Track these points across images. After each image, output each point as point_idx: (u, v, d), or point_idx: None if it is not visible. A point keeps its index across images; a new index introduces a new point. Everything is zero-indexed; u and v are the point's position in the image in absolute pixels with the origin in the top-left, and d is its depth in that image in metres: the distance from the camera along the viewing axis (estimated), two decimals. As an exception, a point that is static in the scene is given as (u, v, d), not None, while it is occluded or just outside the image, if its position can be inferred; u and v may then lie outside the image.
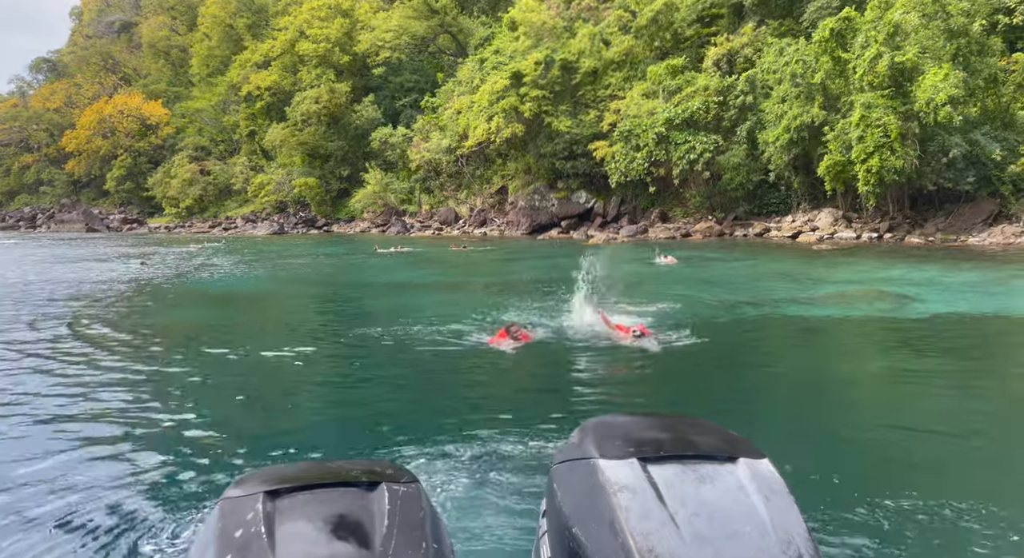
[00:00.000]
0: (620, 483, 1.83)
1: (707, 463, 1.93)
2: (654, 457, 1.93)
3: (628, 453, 1.94)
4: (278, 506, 1.86)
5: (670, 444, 2.02)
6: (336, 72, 55.42)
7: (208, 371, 8.16)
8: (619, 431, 2.11)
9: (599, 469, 1.89)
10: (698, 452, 1.98)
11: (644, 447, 1.98)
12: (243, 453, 5.27)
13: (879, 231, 27.29)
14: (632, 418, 2.38)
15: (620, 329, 8.82)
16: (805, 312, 12.04)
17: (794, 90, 28.16)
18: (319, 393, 7.36)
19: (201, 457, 5.18)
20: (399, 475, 2.07)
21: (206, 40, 70.81)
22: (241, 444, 5.48)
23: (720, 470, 1.91)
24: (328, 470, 2.15)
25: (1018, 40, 26.30)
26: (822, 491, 4.36)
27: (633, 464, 1.89)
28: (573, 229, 39.00)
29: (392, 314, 12.94)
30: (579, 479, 1.93)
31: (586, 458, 1.97)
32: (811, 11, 32.28)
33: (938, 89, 22.66)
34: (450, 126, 45.51)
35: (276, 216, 57.80)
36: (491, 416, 5.92)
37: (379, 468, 2.13)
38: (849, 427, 5.87)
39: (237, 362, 8.61)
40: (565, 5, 44.28)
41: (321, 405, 6.83)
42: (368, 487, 1.97)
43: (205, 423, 6.06)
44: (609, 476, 1.85)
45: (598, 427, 2.16)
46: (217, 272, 22.47)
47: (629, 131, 34.33)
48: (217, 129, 68.84)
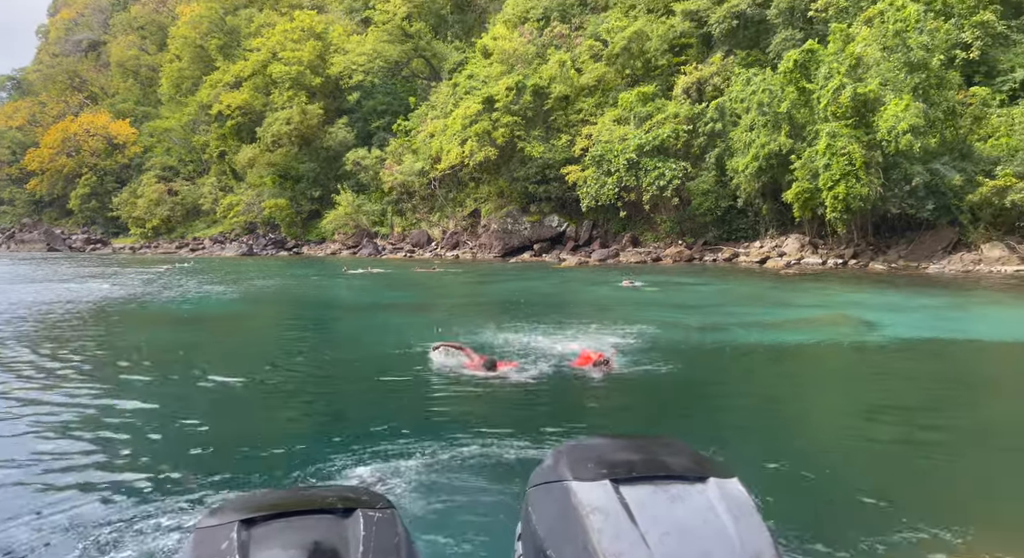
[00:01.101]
0: (593, 504, 1.84)
1: (678, 483, 1.95)
2: (626, 478, 1.95)
3: (601, 475, 1.95)
4: (253, 534, 1.85)
5: (642, 465, 2.04)
6: (308, 94, 55.29)
7: (176, 396, 7.91)
8: (592, 453, 2.12)
9: (572, 491, 1.91)
10: (669, 472, 2.00)
11: (616, 469, 1.99)
12: (216, 481, 5.13)
13: (844, 257, 27.82)
14: (605, 440, 2.42)
15: (586, 358, 8.72)
16: (772, 337, 12.14)
17: (761, 119, 28.78)
18: (291, 418, 7.16)
19: (173, 486, 5.03)
20: (374, 501, 2.06)
21: (176, 60, 70.20)
22: (213, 471, 5.34)
23: (691, 490, 1.93)
24: (303, 497, 2.15)
25: (975, 74, 27.26)
26: (789, 510, 4.37)
27: (606, 486, 1.91)
28: (545, 252, 39.12)
29: (362, 336, 12.76)
30: (553, 501, 1.94)
31: (560, 481, 1.98)
32: (776, 43, 33.16)
33: (900, 119, 23.34)
34: (423, 149, 45.59)
35: (245, 237, 57.06)
36: (465, 441, 5.87)
37: (354, 494, 2.12)
38: (814, 448, 5.87)
39: (206, 386, 8.36)
40: (537, 32, 44.91)
41: (293, 430, 6.64)
42: (343, 513, 1.96)
43: (175, 451, 5.89)
44: (582, 498, 1.87)
45: (572, 450, 2.17)
46: (185, 293, 22.00)
47: (601, 156, 34.72)
48: (186, 149, 68.02)
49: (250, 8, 69.15)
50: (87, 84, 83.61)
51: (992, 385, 8.86)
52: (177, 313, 17.07)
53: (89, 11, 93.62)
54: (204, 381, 8.63)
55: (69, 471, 5.42)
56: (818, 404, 8.03)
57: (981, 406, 7.68)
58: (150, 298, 20.14)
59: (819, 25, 31.69)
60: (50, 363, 9.82)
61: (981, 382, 9.05)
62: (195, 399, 7.86)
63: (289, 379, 8.96)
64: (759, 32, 35.42)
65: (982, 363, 10.27)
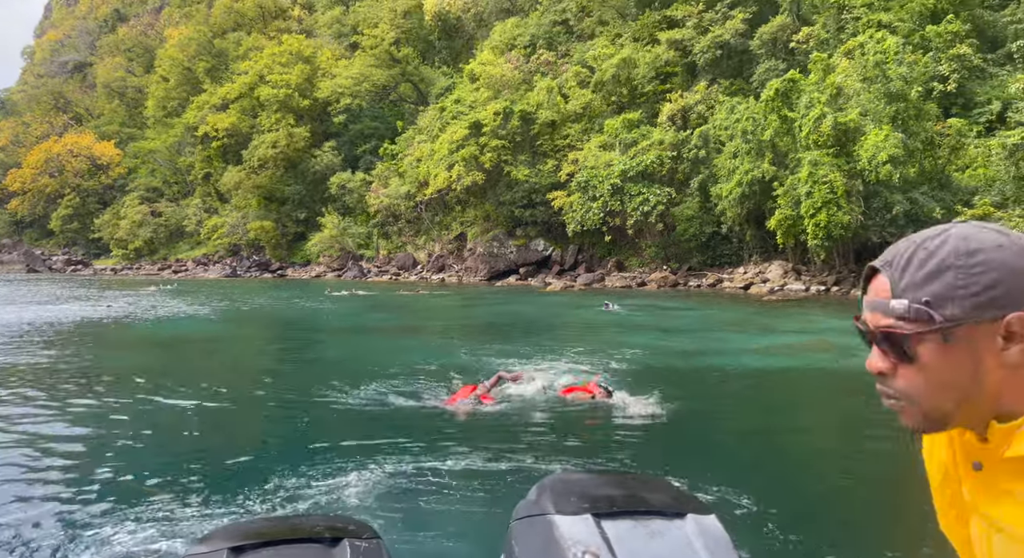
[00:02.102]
0: (575, 538, 1.87)
1: (657, 519, 1.99)
2: (607, 513, 1.97)
3: (583, 509, 1.98)
4: None
5: (623, 500, 2.07)
6: (296, 117, 55.45)
7: (160, 421, 7.75)
8: (575, 488, 2.16)
9: (555, 525, 1.93)
10: (649, 508, 2.03)
11: (598, 503, 2.02)
12: (201, 509, 5.04)
13: (826, 284, 28.04)
14: (587, 475, 2.50)
15: (584, 390, 8.55)
16: (756, 362, 12.14)
17: (745, 146, 29.15)
18: (274, 445, 7.00)
19: (160, 514, 4.93)
20: (361, 530, 2.07)
21: (163, 81, 70.29)
22: (198, 499, 5.24)
23: (670, 526, 1.96)
24: (291, 525, 2.16)
25: (952, 106, 27.85)
26: (767, 546, 4.29)
27: (587, 519, 1.93)
28: (531, 276, 39.13)
29: (345, 361, 12.61)
30: (536, 534, 1.96)
31: (543, 514, 2.01)
32: (759, 72, 33.76)
33: (880, 148, 23.73)
34: (410, 173, 45.70)
35: (229, 259, 56.70)
36: (452, 472, 5.83)
37: (341, 523, 2.13)
38: (797, 481, 5.81)
39: (185, 411, 8.18)
40: (524, 59, 45.45)
41: (279, 457, 6.47)
42: (331, 543, 1.97)
43: (157, 478, 5.78)
44: (564, 531, 1.89)
45: (555, 484, 2.20)
46: (170, 315, 21.73)
47: (586, 182, 34.96)
48: (171, 170, 67.79)
49: (239, 31, 69.62)
50: (72, 105, 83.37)
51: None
52: (159, 335, 16.82)
53: (76, 33, 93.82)
54: (184, 405, 8.45)
55: (45, 501, 5.25)
56: (802, 433, 7.99)
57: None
58: (131, 319, 19.84)
59: (800, 56, 32.33)
60: (22, 387, 9.59)
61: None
62: (173, 424, 7.69)
63: (271, 404, 8.80)
64: (742, 62, 36.07)
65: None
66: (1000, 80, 27.35)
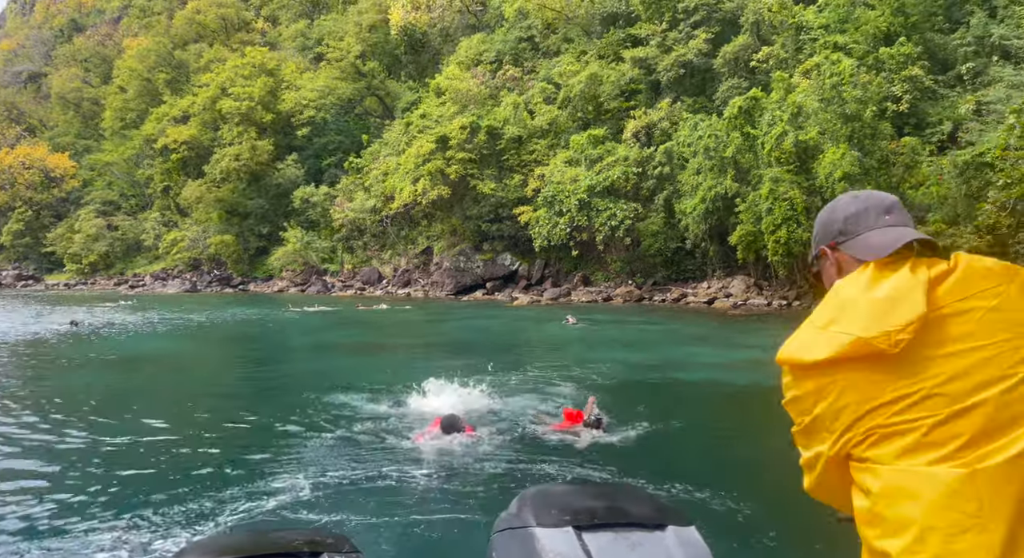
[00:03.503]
0: (556, 551, 1.87)
1: (638, 530, 1.99)
2: (588, 525, 1.98)
3: (564, 521, 1.98)
4: None
5: (603, 512, 2.07)
6: (258, 130, 54.67)
7: (121, 441, 7.48)
8: (555, 500, 2.15)
9: (536, 537, 1.93)
10: (629, 520, 2.04)
11: (579, 515, 2.02)
12: (174, 526, 4.94)
13: (788, 298, 28.52)
14: (568, 487, 2.56)
15: (571, 420, 7.98)
16: (720, 376, 12.22)
17: (708, 163, 29.61)
18: (248, 462, 6.76)
19: (130, 534, 4.82)
20: (340, 544, 2.05)
21: (121, 92, 68.77)
22: (172, 517, 5.12)
23: (650, 537, 1.97)
24: (270, 540, 2.13)
25: (905, 125, 28.72)
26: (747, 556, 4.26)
27: (568, 532, 1.94)
28: (498, 291, 39.04)
29: (311, 377, 12.34)
30: (517, 547, 1.96)
31: (524, 527, 2.01)
32: (722, 90, 34.41)
33: (836, 166, 24.31)
34: (375, 187, 45.36)
35: (189, 274, 55.43)
36: (431, 486, 5.77)
37: (320, 537, 2.10)
38: (772, 489, 5.81)
39: (155, 431, 7.88)
40: (490, 75, 45.64)
41: (251, 474, 6.26)
42: (311, 556, 1.95)
43: (127, 497, 5.66)
44: (545, 544, 1.89)
45: (536, 496, 2.20)
46: (129, 331, 21.06)
47: (553, 197, 35.10)
48: (128, 183, 66.14)
49: (200, 43, 68.58)
50: (25, 116, 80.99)
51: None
52: (118, 352, 16.25)
53: (31, 42, 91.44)
54: (148, 424, 8.13)
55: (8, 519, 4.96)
56: (774, 445, 8.00)
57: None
58: (91, 335, 19.16)
59: (761, 75, 33.06)
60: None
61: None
62: (135, 443, 7.38)
63: (237, 421, 8.51)
64: (705, 80, 36.73)
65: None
66: (951, 101, 28.30)
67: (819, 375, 1.27)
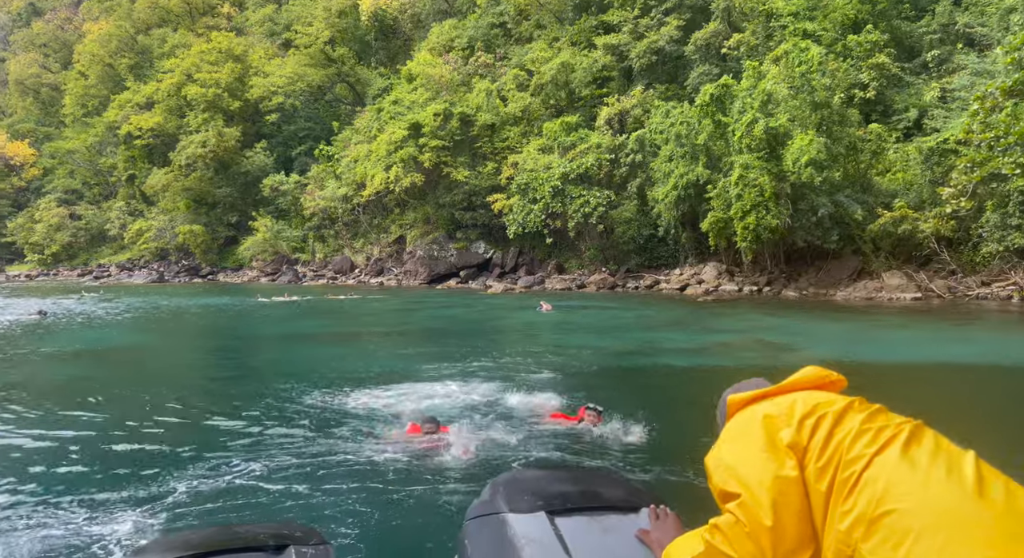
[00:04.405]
0: (529, 536, 1.85)
1: (611, 514, 1.98)
2: (561, 510, 1.97)
3: (537, 507, 1.97)
4: None
5: (576, 497, 2.06)
6: (226, 117, 53.59)
7: (83, 434, 7.26)
8: (528, 486, 2.14)
9: (509, 523, 1.92)
10: (603, 504, 2.03)
11: (552, 500, 2.01)
12: (136, 521, 4.80)
13: (759, 285, 28.86)
14: (541, 472, 2.50)
15: (571, 418, 7.61)
16: (692, 361, 12.31)
17: (680, 150, 29.73)
18: (212, 454, 6.59)
19: (90, 529, 4.69)
20: (308, 537, 2.01)
21: (82, 78, 66.86)
22: (133, 512, 4.98)
23: (624, 520, 1.96)
24: (234, 535, 2.08)
25: (872, 113, 29.12)
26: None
27: (541, 517, 1.93)
28: (472, 279, 38.92)
29: (281, 368, 12.17)
30: (490, 534, 1.94)
31: (496, 513, 1.99)
32: (693, 77, 34.54)
33: (803, 152, 24.58)
34: (347, 174, 44.81)
35: (156, 264, 54.38)
36: (403, 478, 5.65)
37: (287, 530, 2.06)
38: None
39: (119, 423, 7.68)
40: (463, 61, 45.25)
41: (216, 466, 6.11)
42: (275, 551, 1.91)
43: (93, 488, 5.50)
44: (518, 530, 1.88)
45: (508, 483, 2.18)
46: (93, 322, 20.58)
47: (526, 184, 35.01)
48: (91, 171, 64.46)
49: (164, 28, 66.90)
50: (-18, 102, 78.43)
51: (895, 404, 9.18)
52: (82, 344, 15.85)
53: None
54: (112, 416, 7.93)
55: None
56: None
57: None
58: (54, 327, 18.67)
59: (732, 62, 33.25)
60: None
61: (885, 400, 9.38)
62: (98, 436, 7.19)
63: (204, 412, 8.34)
64: (677, 67, 36.83)
65: (885, 383, 10.68)
66: (916, 88, 28.75)
67: None
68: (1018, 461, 6.21)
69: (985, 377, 11.05)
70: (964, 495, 1.25)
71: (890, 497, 1.29)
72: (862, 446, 1.39)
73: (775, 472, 1.43)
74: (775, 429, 1.51)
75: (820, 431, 1.46)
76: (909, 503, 1.26)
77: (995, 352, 13.24)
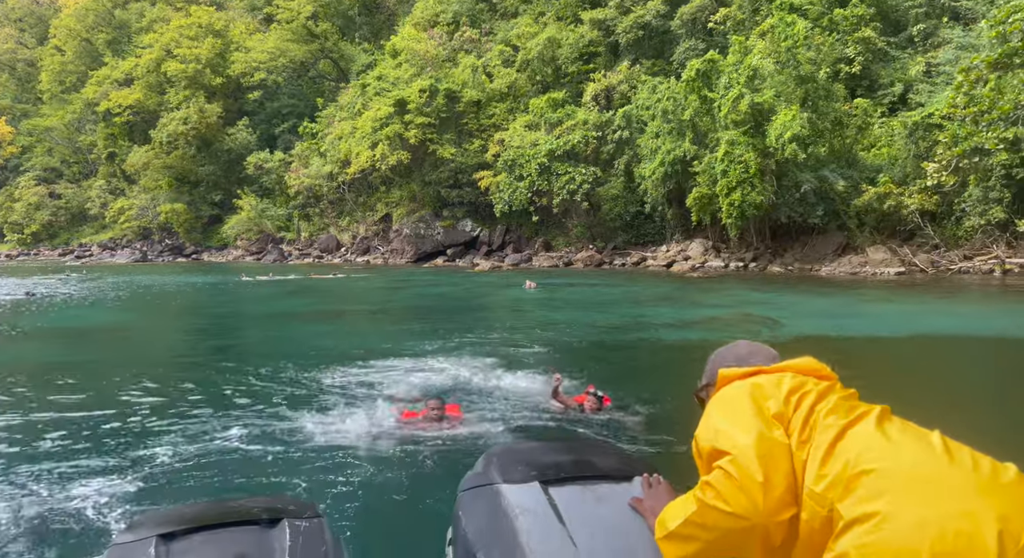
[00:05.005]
0: (523, 506, 1.86)
1: (605, 483, 1.99)
2: (555, 480, 1.98)
3: (530, 477, 1.98)
4: (172, 549, 1.78)
5: (570, 467, 2.07)
6: (207, 93, 52.70)
7: (70, 412, 7.21)
8: (522, 457, 2.15)
9: (503, 494, 1.92)
10: (596, 473, 2.04)
11: (546, 471, 2.02)
12: (128, 497, 4.79)
13: (744, 260, 29.02)
14: (534, 444, 2.52)
15: (576, 400, 7.23)
16: (679, 335, 12.40)
17: (666, 126, 29.64)
18: (203, 429, 6.57)
19: (80, 506, 4.66)
20: (301, 510, 2.01)
21: (59, 54, 65.38)
22: (129, 487, 4.97)
23: (617, 489, 1.97)
24: (227, 509, 2.06)
25: (857, 87, 29.13)
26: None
27: (535, 487, 1.93)
28: (459, 257, 38.85)
29: (266, 347, 12.13)
30: (484, 505, 1.94)
31: (490, 484, 1.99)
32: (680, 52, 34.34)
33: (786, 127, 24.60)
34: (331, 152, 44.34)
35: (139, 243, 53.82)
36: (397, 452, 5.67)
37: (281, 504, 2.06)
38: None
39: (105, 401, 7.62)
40: (448, 36, 44.67)
41: (207, 442, 6.09)
42: (269, 524, 1.91)
43: (84, 466, 5.46)
44: (512, 500, 1.89)
45: (502, 454, 2.19)
46: (79, 302, 20.40)
47: (513, 161, 34.83)
48: (70, 149, 63.35)
49: (142, 2, 65.41)
50: (-45, 78, 76.55)
51: (881, 376, 9.32)
52: (65, 324, 15.70)
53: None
54: (100, 395, 7.87)
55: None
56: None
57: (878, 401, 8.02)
58: (38, 308, 18.46)
59: (718, 37, 33.06)
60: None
61: (872, 373, 9.51)
62: (86, 415, 7.14)
63: (194, 388, 8.30)
64: (663, 42, 36.58)
65: (872, 356, 10.83)
66: (902, 63, 28.75)
67: None
68: (992, 426, 6.34)
69: (966, 349, 11.22)
70: (935, 458, 1.34)
71: (864, 460, 1.37)
72: (836, 418, 1.49)
73: (765, 433, 1.50)
74: (763, 398, 1.59)
75: (803, 405, 1.55)
76: (884, 464, 1.34)
77: (976, 325, 13.43)
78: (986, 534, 1.19)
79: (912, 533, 1.23)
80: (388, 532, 4.32)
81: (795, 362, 1.75)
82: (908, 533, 1.24)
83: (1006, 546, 1.18)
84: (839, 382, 1.68)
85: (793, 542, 1.44)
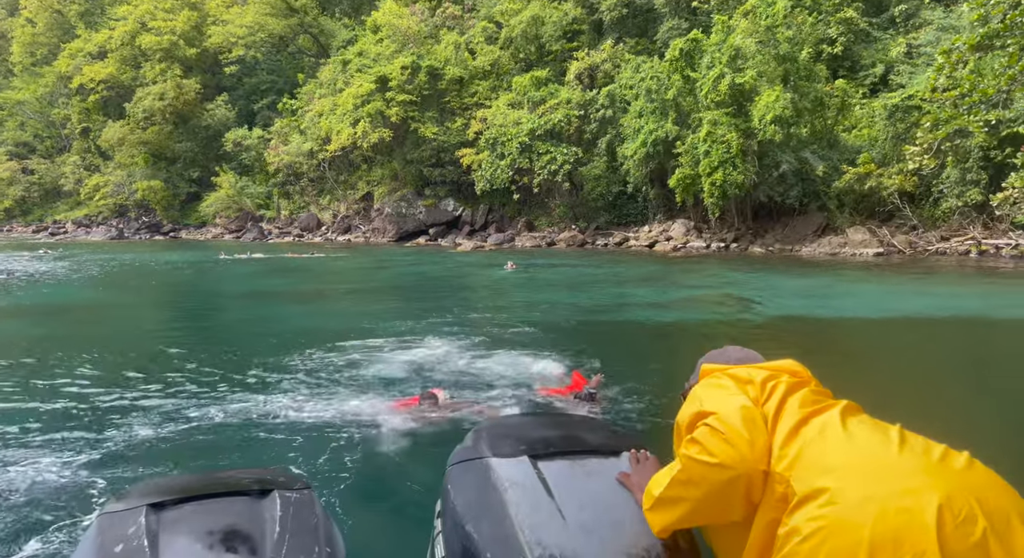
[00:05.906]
0: (512, 480, 1.89)
1: (593, 457, 2.02)
2: (544, 454, 2.00)
3: (519, 451, 2.00)
4: (162, 519, 1.79)
5: (558, 441, 2.09)
6: (184, 68, 51.62)
7: (53, 389, 7.10)
8: (511, 431, 2.17)
9: (492, 468, 1.94)
10: (585, 448, 2.07)
11: (535, 445, 2.04)
12: (117, 468, 4.81)
13: (726, 241, 29.22)
14: (523, 419, 2.63)
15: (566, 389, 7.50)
16: (662, 316, 12.49)
17: (650, 105, 29.58)
18: (194, 406, 6.53)
19: (69, 478, 4.68)
20: (291, 481, 2.04)
21: (29, 26, 63.60)
22: (116, 462, 4.97)
23: (605, 464, 2.00)
24: (216, 480, 2.08)
25: (839, 68, 29.23)
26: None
27: (524, 461, 1.96)
28: (441, 237, 38.70)
29: (247, 326, 12.05)
30: (473, 478, 1.97)
31: (480, 458, 2.02)
32: (663, 31, 34.18)
33: (769, 108, 24.65)
34: (311, 129, 43.76)
35: (115, 220, 52.92)
36: (387, 428, 5.68)
37: (271, 475, 2.08)
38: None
39: (90, 377, 7.52)
40: (430, 12, 44.04)
41: (198, 419, 6.05)
42: (259, 495, 1.93)
43: (71, 441, 5.41)
44: (501, 474, 1.91)
45: (491, 429, 2.22)
46: (53, 280, 20.06)
47: (495, 139, 34.61)
48: (43, 124, 61.87)
49: (115, -28, 63.58)
50: (-79, 49, 74.19)
51: (863, 357, 9.48)
52: (37, 302, 15.45)
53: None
54: (82, 371, 7.77)
55: None
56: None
57: (856, 379, 8.16)
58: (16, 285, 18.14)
59: (702, 15, 32.93)
60: None
61: (854, 352, 9.67)
62: (67, 392, 7.06)
63: (176, 367, 8.23)
64: (647, 21, 36.36)
65: (848, 336, 11.00)
66: (883, 44, 28.86)
67: None
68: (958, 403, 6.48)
69: (940, 329, 11.43)
70: (887, 444, 1.43)
71: (820, 443, 1.48)
72: (802, 408, 1.59)
73: (748, 405, 1.59)
74: (743, 383, 1.69)
75: (776, 394, 1.64)
76: (838, 447, 1.46)
77: (952, 305, 13.66)
78: (926, 510, 1.26)
79: (857, 509, 1.31)
80: (377, 505, 4.36)
81: (777, 363, 1.83)
82: (854, 509, 1.31)
83: (945, 521, 1.25)
84: (816, 381, 1.78)
85: (754, 516, 1.52)
